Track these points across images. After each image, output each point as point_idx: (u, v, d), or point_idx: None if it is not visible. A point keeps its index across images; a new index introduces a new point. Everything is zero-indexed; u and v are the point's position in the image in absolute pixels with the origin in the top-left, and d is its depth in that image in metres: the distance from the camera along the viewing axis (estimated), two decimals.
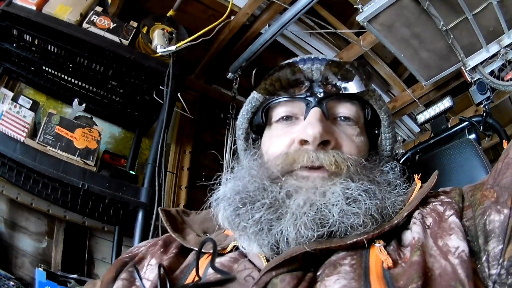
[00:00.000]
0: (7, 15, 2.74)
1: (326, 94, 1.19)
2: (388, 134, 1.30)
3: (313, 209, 0.98)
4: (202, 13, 3.94)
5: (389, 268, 0.85)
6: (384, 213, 1.02)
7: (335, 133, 1.16)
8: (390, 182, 1.13)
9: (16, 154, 2.47)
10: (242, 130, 1.41)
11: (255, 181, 1.12)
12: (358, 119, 1.23)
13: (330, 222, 0.97)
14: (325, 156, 1.08)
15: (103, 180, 2.65)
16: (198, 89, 4.43)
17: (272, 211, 1.03)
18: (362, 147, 1.19)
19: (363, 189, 1.03)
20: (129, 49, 2.96)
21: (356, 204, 1.00)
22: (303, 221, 0.97)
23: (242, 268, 1.01)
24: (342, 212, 0.97)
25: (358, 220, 0.96)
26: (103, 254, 3.25)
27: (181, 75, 3.15)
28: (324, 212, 0.98)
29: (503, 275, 0.81)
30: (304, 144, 1.13)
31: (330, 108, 1.20)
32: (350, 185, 1.04)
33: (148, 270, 1.14)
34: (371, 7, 3.13)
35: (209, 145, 4.30)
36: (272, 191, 1.07)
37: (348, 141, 1.17)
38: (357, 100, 1.24)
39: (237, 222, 1.08)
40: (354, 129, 1.20)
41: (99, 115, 3.48)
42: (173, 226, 1.26)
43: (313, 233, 0.95)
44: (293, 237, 0.97)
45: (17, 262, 2.79)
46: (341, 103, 1.22)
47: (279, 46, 4.19)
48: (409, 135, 5.44)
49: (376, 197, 1.03)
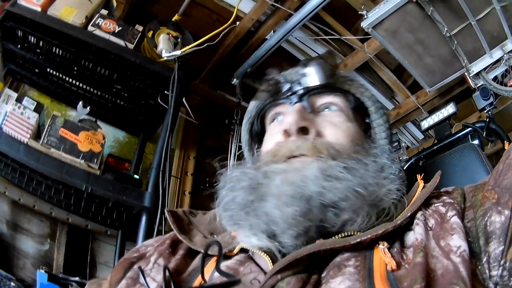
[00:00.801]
0: (11, 16, 2.74)
1: (305, 90, 1.27)
2: (378, 120, 1.32)
3: (291, 186, 1.01)
4: (207, 18, 3.95)
5: (392, 270, 0.85)
6: (374, 194, 1.04)
7: (316, 122, 1.21)
8: (382, 167, 1.14)
9: (19, 155, 2.47)
10: (245, 143, 1.50)
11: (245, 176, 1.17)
12: (342, 107, 1.28)
13: (308, 196, 0.99)
14: (304, 144, 1.12)
15: (106, 183, 2.65)
16: (203, 94, 4.43)
17: (250, 192, 1.10)
18: (350, 133, 1.22)
19: (344, 166, 1.06)
20: (134, 53, 2.97)
21: (336, 179, 1.02)
22: (283, 199, 1.00)
23: (248, 271, 1.00)
24: (321, 186, 1.00)
25: (339, 195, 0.99)
26: (105, 258, 3.24)
27: (186, 80, 3.15)
28: (302, 186, 1.00)
29: (505, 277, 0.81)
30: (288, 136, 1.17)
31: (314, 103, 1.27)
32: (330, 163, 1.06)
33: (154, 269, 1.13)
34: (376, 13, 3.14)
35: (213, 150, 4.30)
36: (251, 173, 1.15)
37: (333, 128, 1.20)
38: (339, 92, 1.31)
39: (227, 215, 1.14)
40: (339, 115, 1.25)
41: (103, 119, 3.48)
42: (179, 227, 1.25)
43: (296, 208, 0.98)
44: (278, 216, 1.00)
45: (18, 263, 2.78)
46: (322, 96, 1.29)
47: (284, 52, 4.20)
48: (413, 142, 5.43)
49: (360, 174, 1.06)
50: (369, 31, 3.28)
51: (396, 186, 1.09)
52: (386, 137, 1.32)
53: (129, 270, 1.17)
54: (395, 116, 4.76)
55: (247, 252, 1.08)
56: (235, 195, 1.13)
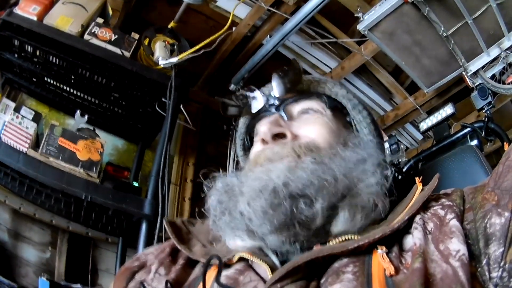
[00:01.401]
0: (8, 25, 2.75)
1: (280, 101, 1.31)
2: (358, 117, 1.35)
3: (257, 182, 1.05)
4: (203, 25, 3.95)
5: (391, 275, 0.84)
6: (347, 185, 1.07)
7: (293, 126, 1.24)
8: (360, 159, 1.15)
9: (19, 165, 2.48)
10: (241, 158, 1.57)
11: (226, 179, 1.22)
12: (319, 109, 1.31)
13: (273, 187, 1.01)
14: (281, 149, 1.15)
15: (106, 191, 2.66)
16: (201, 101, 4.43)
17: (224, 192, 1.15)
18: (328, 131, 1.24)
19: (312, 160, 1.08)
20: (130, 61, 2.98)
21: (301, 170, 1.05)
22: (251, 194, 1.04)
23: (247, 280, 0.99)
24: (285, 177, 1.02)
25: (303, 181, 1.02)
26: (106, 265, 3.25)
27: (183, 87, 3.16)
28: (267, 180, 1.04)
29: (505, 278, 0.80)
30: (266, 144, 1.21)
31: (291, 111, 1.31)
32: (301, 159, 1.10)
33: (155, 279, 1.14)
34: (372, 15, 3.14)
35: (213, 157, 4.31)
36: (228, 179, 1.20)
37: (308, 128, 1.23)
38: (315, 95, 1.34)
39: (211, 221, 1.17)
40: (316, 117, 1.28)
41: (101, 127, 3.48)
42: (178, 237, 1.24)
43: (263, 201, 1.00)
44: (250, 212, 1.02)
45: (20, 271, 2.79)
46: (299, 103, 1.33)
47: (281, 56, 4.19)
48: (412, 143, 5.43)
49: (329, 165, 1.09)
50: (365, 33, 3.29)
51: (376, 180, 1.10)
52: (369, 132, 1.34)
53: (131, 281, 1.18)
54: (394, 117, 4.77)
55: (246, 260, 1.07)
56: (211, 200, 1.18)
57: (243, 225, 1.05)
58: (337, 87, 1.37)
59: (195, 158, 4.18)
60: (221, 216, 1.12)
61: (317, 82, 1.38)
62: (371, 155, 1.17)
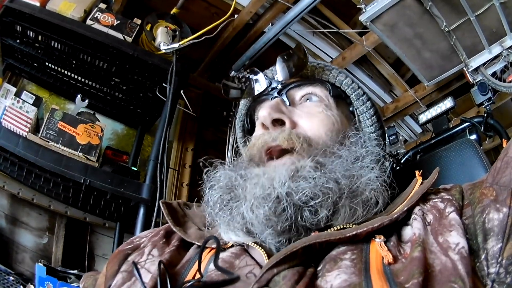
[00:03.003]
0: (10, 11, 2.73)
1: (283, 85, 1.33)
2: (361, 107, 1.36)
3: (261, 189, 1.04)
4: (205, 11, 3.94)
5: (389, 263, 0.85)
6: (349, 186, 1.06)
7: (293, 113, 1.26)
8: (359, 156, 1.16)
9: (18, 149, 2.47)
10: (239, 139, 1.58)
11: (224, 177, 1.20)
12: (322, 96, 1.33)
13: (276, 196, 1.01)
14: (280, 135, 1.16)
15: (105, 175, 2.65)
16: (201, 86, 4.43)
17: (227, 191, 1.14)
18: (328, 121, 1.25)
19: (313, 166, 1.08)
20: (132, 46, 2.96)
21: (303, 180, 1.04)
22: (254, 201, 1.03)
23: (243, 264, 1.00)
24: (288, 188, 1.02)
25: (308, 194, 1.01)
26: (103, 250, 3.25)
27: (184, 72, 3.16)
28: (269, 188, 1.03)
29: (502, 274, 0.81)
30: (266, 129, 1.23)
31: (293, 96, 1.33)
32: (299, 163, 1.09)
33: (149, 260, 1.13)
34: (374, 7, 3.13)
35: (211, 143, 4.31)
36: (227, 176, 1.18)
37: (309, 118, 1.25)
38: (318, 82, 1.36)
39: (208, 212, 1.18)
40: (318, 105, 1.30)
41: (102, 112, 3.50)
42: (174, 219, 1.25)
43: (267, 209, 1.00)
44: (253, 218, 1.02)
45: (17, 257, 2.80)
46: (301, 88, 1.34)
47: (282, 45, 4.18)
48: (411, 136, 5.44)
49: (330, 169, 1.08)
50: (367, 24, 3.28)
51: (375, 174, 1.10)
52: (371, 124, 1.35)
53: (124, 263, 1.18)
54: (393, 109, 4.77)
55: (242, 244, 1.09)
56: (212, 194, 1.18)
57: (242, 225, 1.06)
58: (342, 76, 1.37)
59: (194, 143, 4.19)
60: (219, 211, 1.13)
61: (322, 68, 1.39)
62: (370, 152, 1.18)
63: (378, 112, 1.39)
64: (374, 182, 1.08)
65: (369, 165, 1.13)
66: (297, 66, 1.34)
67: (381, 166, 1.16)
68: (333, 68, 1.40)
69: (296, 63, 1.34)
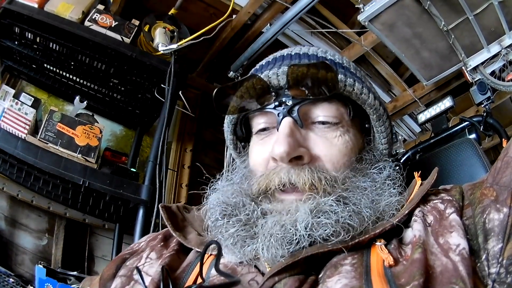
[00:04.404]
0: (9, 13, 2.74)
1: (295, 101, 1.13)
2: (380, 128, 1.23)
3: (281, 230, 0.98)
4: (203, 12, 3.93)
5: (390, 266, 0.85)
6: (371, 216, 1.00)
7: (309, 143, 1.12)
8: (381, 184, 1.10)
9: (17, 151, 2.47)
10: (229, 141, 1.41)
11: (237, 196, 1.13)
12: (339, 119, 1.16)
13: (296, 238, 0.96)
14: (298, 178, 1.05)
15: (104, 177, 2.65)
16: (200, 87, 4.43)
17: (246, 229, 1.05)
18: (347, 148, 1.14)
19: (335, 200, 1.01)
20: (130, 47, 2.97)
21: (324, 215, 0.98)
22: (272, 242, 0.97)
23: (246, 271, 1.01)
24: (308, 225, 0.96)
25: (327, 231, 0.95)
26: (103, 252, 3.26)
27: (182, 73, 3.16)
28: (291, 230, 0.97)
29: (502, 274, 0.81)
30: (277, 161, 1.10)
31: (305, 113, 1.15)
32: (321, 200, 1.01)
33: (147, 263, 1.14)
34: (373, 7, 3.13)
35: (210, 143, 4.31)
36: (248, 209, 1.09)
37: (327, 147, 1.12)
38: (336, 98, 1.16)
39: (216, 233, 1.11)
40: (335, 131, 1.15)
41: (100, 113, 3.49)
42: (173, 224, 1.24)
43: (284, 251, 0.96)
44: (266, 255, 0.98)
45: (17, 259, 2.80)
46: (317, 105, 1.16)
47: (281, 45, 4.16)
48: (410, 135, 5.43)
49: (354, 202, 1.02)
50: (365, 24, 3.28)
51: (396, 199, 1.06)
52: (386, 142, 1.26)
53: (122, 266, 1.18)
54: (392, 109, 4.76)
55: None
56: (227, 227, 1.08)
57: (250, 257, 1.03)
58: (365, 93, 1.17)
59: (193, 144, 4.19)
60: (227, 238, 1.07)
61: (343, 82, 1.15)
62: (387, 176, 1.13)
63: (392, 129, 1.32)
64: (394, 205, 1.04)
65: (390, 190, 1.09)
66: (318, 83, 1.10)
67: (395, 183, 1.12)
68: (355, 80, 1.17)
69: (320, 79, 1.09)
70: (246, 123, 1.34)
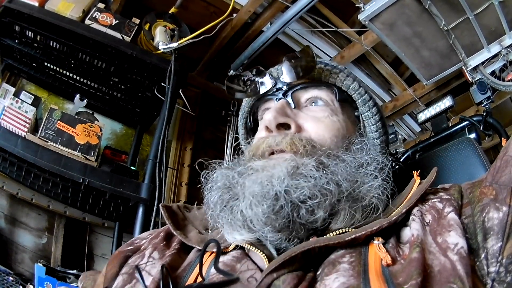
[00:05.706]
0: (9, 11, 2.74)
1: (288, 86, 1.30)
2: (366, 113, 1.34)
3: (259, 186, 1.03)
4: (204, 11, 3.94)
5: (388, 265, 0.85)
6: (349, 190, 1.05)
7: (299, 117, 1.25)
8: (363, 163, 1.15)
9: (17, 149, 2.47)
10: (242, 136, 1.56)
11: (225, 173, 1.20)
12: (328, 100, 1.31)
13: (274, 194, 1.00)
14: (283, 140, 1.14)
15: (104, 175, 2.65)
16: (200, 86, 4.43)
17: (226, 191, 1.14)
18: (334, 127, 1.24)
19: (314, 165, 1.06)
20: (131, 45, 2.97)
21: (303, 178, 1.03)
22: (253, 199, 1.02)
23: (245, 268, 1.00)
24: (286, 185, 1.01)
25: (305, 192, 1.00)
26: (103, 250, 3.25)
27: (182, 72, 3.16)
28: (267, 185, 1.02)
29: (502, 273, 0.80)
30: (270, 132, 1.21)
31: (298, 98, 1.31)
32: (300, 161, 1.08)
33: (149, 263, 1.13)
34: (373, 6, 3.14)
35: (210, 142, 4.32)
36: (228, 174, 1.17)
37: (314, 122, 1.23)
38: (324, 85, 1.33)
39: (209, 215, 1.17)
40: (323, 110, 1.28)
41: (100, 111, 3.49)
42: (174, 222, 1.24)
43: (265, 207, 1.00)
44: (252, 215, 1.02)
45: (17, 257, 2.79)
46: (307, 91, 1.32)
47: (281, 44, 4.19)
48: (410, 134, 5.44)
49: (332, 171, 1.07)
50: (366, 23, 3.28)
51: (378, 183, 1.09)
52: (376, 130, 1.33)
53: (124, 265, 1.17)
54: (392, 108, 4.77)
55: (243, 248, 1.08)
56: (211, 195, 1.18)
57: (243, 222, 1.05)
58: (349, 80, 1.34)
59: (193, 143, 4.19)
60: (221, 212, 1.12)
61: (329, 71, 1.35)
62: (374, 159, 1.16)
63: (383, 117, 1.38)
64: (376, 190, 1.08)
65: (373, 172, 1.12)
66: (304, 69, 1.30)
67: (385, 174, 1.14)
68: (340, 70, 1.36)
69: (304, 66, 1.31)
70: (254, 119, 1.49)
